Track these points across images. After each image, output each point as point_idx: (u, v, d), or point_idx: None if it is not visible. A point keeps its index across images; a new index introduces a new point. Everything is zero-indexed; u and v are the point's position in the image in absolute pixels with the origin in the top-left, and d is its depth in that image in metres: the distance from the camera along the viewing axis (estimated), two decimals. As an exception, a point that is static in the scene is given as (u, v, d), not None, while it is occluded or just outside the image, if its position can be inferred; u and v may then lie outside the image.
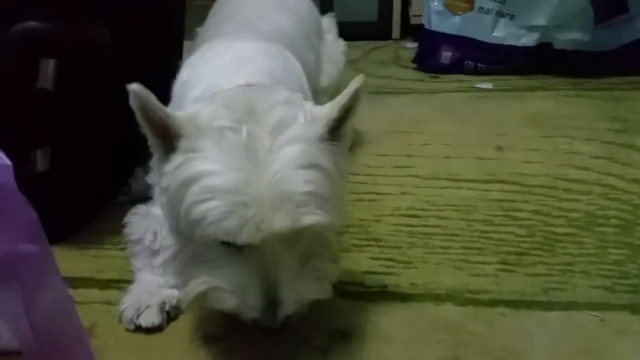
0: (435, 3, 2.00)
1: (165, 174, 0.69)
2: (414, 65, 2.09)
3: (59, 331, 0.65)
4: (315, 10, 1.35)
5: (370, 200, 1.19)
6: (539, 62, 1.97)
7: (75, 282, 0.93)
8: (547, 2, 1.92)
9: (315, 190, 0.65)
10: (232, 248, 0.66)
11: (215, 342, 0.81)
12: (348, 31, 1.37)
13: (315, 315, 0.84)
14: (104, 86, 0.98)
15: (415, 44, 2.22)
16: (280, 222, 0.63)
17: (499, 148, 1.42)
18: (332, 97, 1.29)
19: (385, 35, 2.48)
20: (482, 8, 1.97)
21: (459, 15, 1.99)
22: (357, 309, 0.88)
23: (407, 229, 1.09)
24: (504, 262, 0.98)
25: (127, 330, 0.83)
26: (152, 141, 0.71)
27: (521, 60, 1.98)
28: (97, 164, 1.05)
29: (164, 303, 0.83)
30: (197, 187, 0.65)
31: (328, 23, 1.40)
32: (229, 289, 0.67)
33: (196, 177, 0.65)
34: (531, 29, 1.96)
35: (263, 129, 0.67)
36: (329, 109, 0.71)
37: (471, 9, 1.98)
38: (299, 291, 0.68)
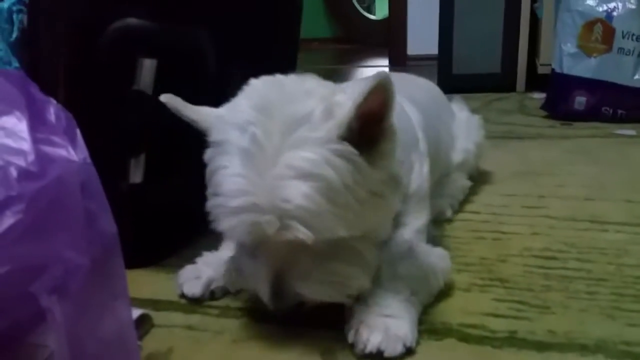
0: (569, 45, 1.84)
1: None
2: (543, 113, 1.93)
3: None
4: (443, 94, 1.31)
5: (493, 239, 1.02)
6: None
7: (159, 305, 0.84)
8: (700, 39, 1.70)
9: (307, 205, 0.63)
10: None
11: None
12: (469, 84, 1.25)
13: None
14: (205, 96, 0.92)
15: (542, 95, 2.05)
16: (269, 229, 0.64)
17: (651, 191, 1.21)
18: (470, 176, 1.24)
19: (510, 88, 2.34)
20: (622, 49, 1.79)
21: (594, 57, 1.81)
22: (480, 355, 0.71)
23: (542, 270, 0.91)
24: (670, 313, 0.78)
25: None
26: None
27: (670, 105, 1.75)
28: (194, 182, 0.98)
29: (212, 280, 0.85)
30: (212, 182, 0.70)
31: (458, 103, 1.33)
32: (247, 273, 0.73)
33: (212, 172, 0.70)
34: (679, 70, 1.74)
35: (275, 126, 0.66)
36: (347, 107, 0.65)
37: (609, 50, 1.80)
38: (305, 289, 0.69)
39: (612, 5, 1.79)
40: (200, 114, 0.75)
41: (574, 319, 0.78)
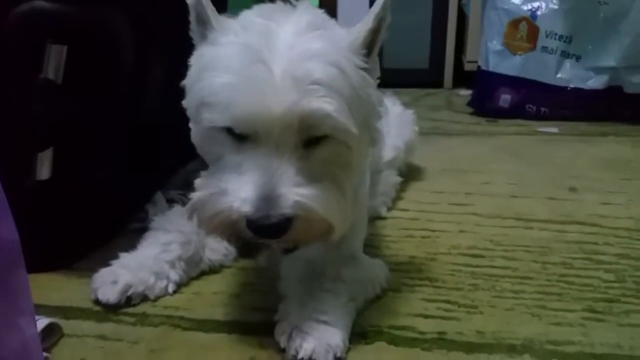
0: (494, 42, 1.86)
1: (191, 67, 0.69)
2: (469, 110, 1.95)
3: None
4: None
5: (422, 237, 1.02)
6: (608, 106, 1.80)
7: (69, 312, 0.78)
8: (617, 41, 1.77)
9: (330, 82, 0.61)
10: (240, 149, 0.63)
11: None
12: (398, 79, 1.23)
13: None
14: (122, 86, 0.86)
15: (469, 92, 2.08)
16: (284, 101, 0.59)
17: (572, 189, 1.24)
18: (400, 172, 1.21)
19: (438, 84, 2.36)
20: (546, 47, 1.82)
21: (519, 55, 1.85)
22: (410, 358, 0.70)
23: (469, 269, 0.91)
24: (591, 310, 0.79)
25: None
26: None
27: (589, 104, 1.81)
28: (109, 179, 0.92)
29: (129, 286, 0.79)
30: (212, 67, 0.64)
31: (391, 98, 1.30)
32: (226, 189, 0.62)
33: (213, 59, 0.65)
34: (599, 70, 1.81)
35: (290, 26, 0.64)
36: (361, 24, 0.69)
37: (533, 48, 1.83)
38: (301, 194, 0.61)
39: (536, 4, 1.83)
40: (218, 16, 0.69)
41: (501, 319, 0.78)
